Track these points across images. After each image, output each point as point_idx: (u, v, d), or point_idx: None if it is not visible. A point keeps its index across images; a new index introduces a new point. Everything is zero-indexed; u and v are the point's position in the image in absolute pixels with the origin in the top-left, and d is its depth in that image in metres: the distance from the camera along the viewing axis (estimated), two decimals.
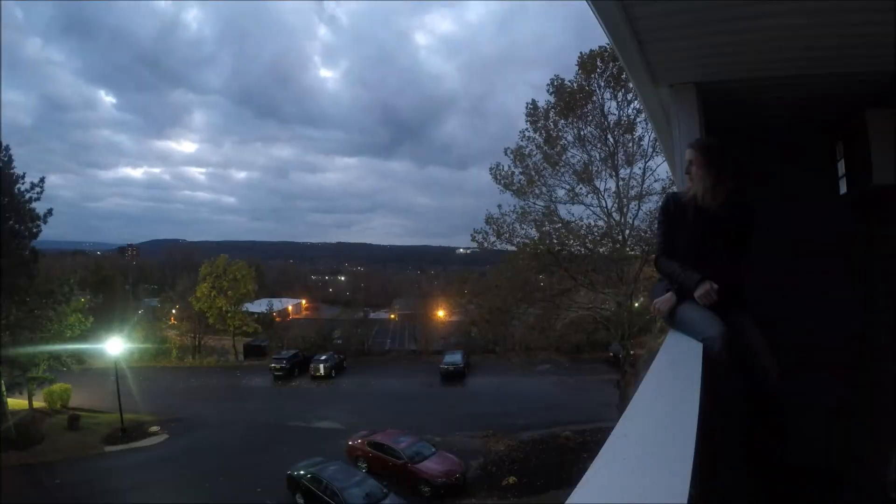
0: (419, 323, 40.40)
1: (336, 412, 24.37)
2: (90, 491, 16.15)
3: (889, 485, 3.05)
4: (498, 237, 19.90)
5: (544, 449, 19.26)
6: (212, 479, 16.75)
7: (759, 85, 3.02)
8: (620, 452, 1.03)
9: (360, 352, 37.13)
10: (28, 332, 20.08)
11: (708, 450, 1.35)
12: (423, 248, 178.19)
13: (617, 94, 18.29)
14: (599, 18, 2.39)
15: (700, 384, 1.40)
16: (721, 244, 2.12)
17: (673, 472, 0.91)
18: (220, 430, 22.12)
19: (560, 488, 15.41)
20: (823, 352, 3.48)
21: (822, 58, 2.67)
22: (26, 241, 20.42)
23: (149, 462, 18.76)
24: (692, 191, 2.20)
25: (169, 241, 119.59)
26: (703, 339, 1.87)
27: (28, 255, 20.33)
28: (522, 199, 19.48)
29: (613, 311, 19.60)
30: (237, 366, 35.67)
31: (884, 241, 3.39)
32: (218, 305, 37.01)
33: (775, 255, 3.24)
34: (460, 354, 32.53)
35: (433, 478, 16.01)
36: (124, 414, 21.75)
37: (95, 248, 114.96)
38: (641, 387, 1.45)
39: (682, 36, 2.56)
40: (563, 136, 19.07)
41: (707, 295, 1.98)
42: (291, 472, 15.46)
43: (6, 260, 18.93)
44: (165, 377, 31.58)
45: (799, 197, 3.60)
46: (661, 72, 2.90)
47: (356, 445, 18.13)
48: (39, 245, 21.54)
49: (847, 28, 2.39)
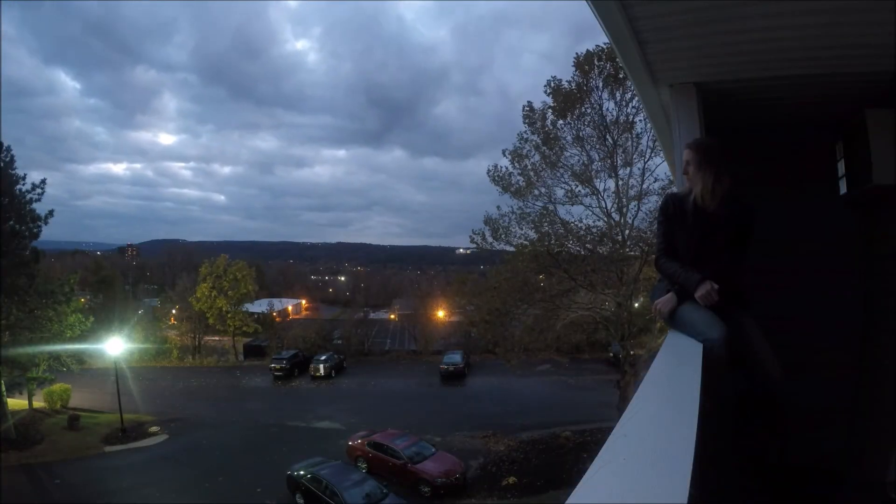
0: (419, 323, 40.38)
1: (336, 412, 24.37)
2: (90, 491, 16.14)
3: (889, 485, 3.05)
4: (496, 238, 19.88)
5: (544, 449, 19.26)
6: (212, 479, 16.75)
7: (759, 85, 3.02)
8: (620, 452, 1.03)
9: (360, 352, 37.13)
10: (28, 332, 20.07)
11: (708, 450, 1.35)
12: (423, 248, 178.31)
13: (615, 94, 18.25)
14: (599, 18, 2.39)
15: (700, 384, 1.40)
16: (721, 244, 2.12)
17: (673, 472, 0.90)
18: (220, 430, 22.11)
19: (560, 488, 15.41)
20: (823, 352, 3.48)
21: (822, 58, 2.67)
22: (27, 241, 20.42)
23: (149, 462, 18.75)
24: (692, 191, 2.20)
25: (169, 241, 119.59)
26: (704, 339, 1.87)
27: (28, 256, 20.32)
28: (521, 200, 19.46)
29: (613, 311, 19.58)
30: (237, 366, 35.67)
31: (884, 241, 3.39)
32: (218, 305, 37.02)
33: (775, 255, 3.24)
34: (460, 354, 32.53)
35: (433, 478, 16.01)
36: (124, 414, 21.75)
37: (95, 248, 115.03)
38: (641, 387, 1.44)
39: (682, 36, 2.56)
40: (561, 136, 19.04)
41: (708, 295, 1.98)
42: (291, 472, 15.45)
43: (6, 260, 18.94)
44: (165, 377, 31.57)
45: (799, 197, 3.60)
46: (661, 72, 2.90)
47: (356, 445, 18.13)
48: (39, 245, 21.55)
49: (847, 28, 2.39)
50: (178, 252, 68.24)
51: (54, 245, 58.70)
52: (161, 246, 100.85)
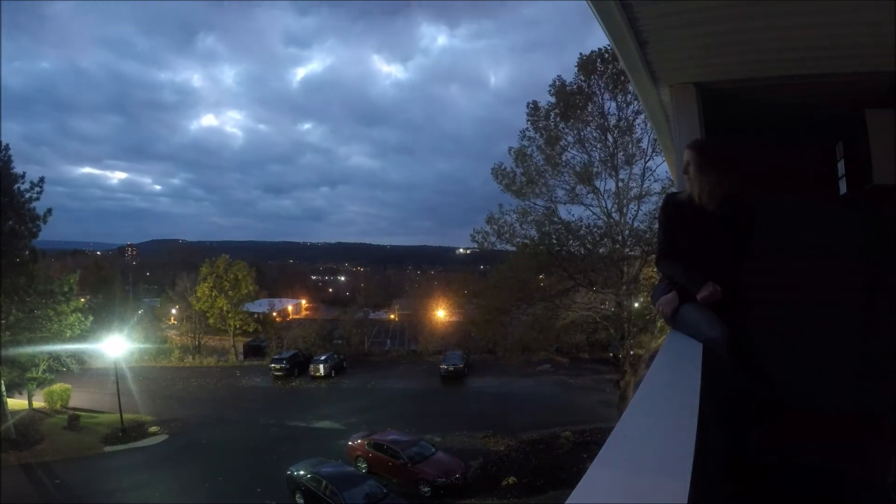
0: (419, 323, 40.40)
1: (336, 412, 24.37)
2: (90, 491, 16.14)
3: (889, 485, 3.04)
4: (498, 237, 19.92)
5: (544, 449, 19.26)
6: (212, 479, 16.75)
7: (758, 85, 3.01)
8: (620, 452, 1.03)
9: (360, 352, 37.14)
10: (28, 332, 20.03)
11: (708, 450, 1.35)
12: (423, 248, 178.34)
13: (617, 96, 18.31)
14: (599, 18, 2.39)
15: (700, 384, 1.40)
16: (721, 244, 2.12)
17: (673, 472, 0.90)
18: (220, 430, 22.11)
19: (560, 488, 15.42)
20: (823, 352, 3.48)
21: (822, 58, 2.67)
22: (26, 241, 20.39)
23: (149, 462, 18.75)
24: (691, 191, 2.20)
25: (169, 241, 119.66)
26: (706, 339, 1.87)
27: (28, 255, 20.31)
28: (523, 200, 19.50)
29: (613, 311, 19.60)
30: (237, 366, 35.66)
31: (884, 241, 3.39)
32: (218, 305, 37.04)
33: (775, 255, 3.24)
34: (460, 354, 32.52)
35: (433, 478, 16.01)
36: (124, 414, 21.74)
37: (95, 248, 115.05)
38: (641, 387, 1.45)
39: (682, 36, 2.56)
40: (563, 136, 19.09)
41: (710, 296, 1.98)
42: (291, 472, 15.45)
43: (6, 260, 18.93)
44: (165, 377, 31.58)
45: (799, 197, 3.59)
46: (661, 72, 2.90)
47: (356, 445, 18.12)
48: (39, 245, 21.52)
49: (847, 28, 2.39)
50: (178, 252, 68.28)
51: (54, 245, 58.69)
52: (161, 246, 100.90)
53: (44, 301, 20.23)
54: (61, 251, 63.31)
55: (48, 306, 20.34)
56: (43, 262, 23.01)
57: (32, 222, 20.55)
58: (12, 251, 19.49)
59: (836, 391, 3.52)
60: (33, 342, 20.17)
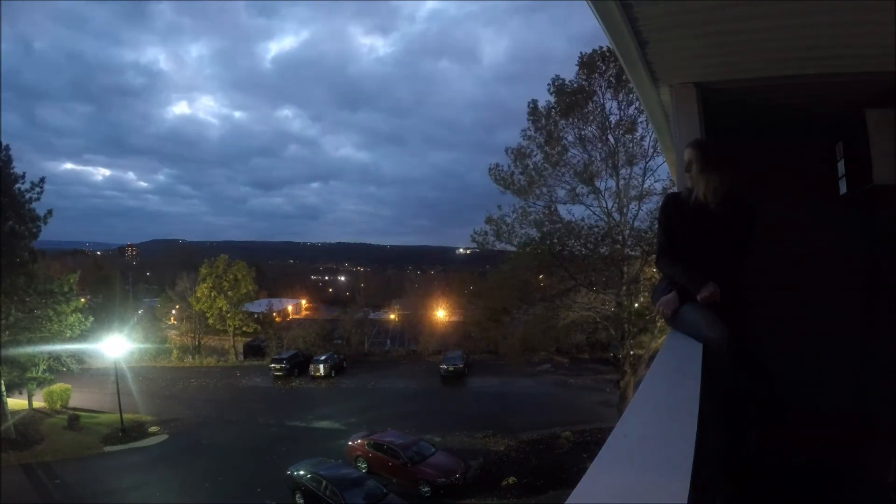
0: (419, 323, 40.38)
1: (336, 412, 24.37)
2: (90, 491, 16.14)
3: (889, 485, 3.04)
4: (498, 237, 19.89)
5: (544, 449, 19.27)
6: (212, 479, 16.76)
7: (759, 85, 3.01)
8: (620, 452, 1.03)
9: (359, 352, 37.13)
10: (28, 332, 20.04)
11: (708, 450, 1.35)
12: (423, 248, 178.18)
13: (618, 95, 18.29)
14: (599, 18, 2.39)
15: (700, 384, 1.40)
16: (721, 244, 2.12)
17: (673, 472, 0.90)
18: (219, 430, 22.11)
19: (560, 488, 15.42)
20: (823, 352, 3.48)
21: (822, 58, 2.67)
22: (26, 241, 20.39)
23: (149, 462, 18.76)
24: (692, 191, 2.20)
25: (169, 241, 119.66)
26: (706, 339, 1.87)
27: (28, 256, 20.31)
28: (523, 199, 19.47)
29: (613, 311, 19.59)
30: (237, 366, 35.67)
31: (884, 241, 3.39)
32: (218, 306, 37.03)
33: (775, 255, 3.24)
34: (460, 354, 32.52)
35: (433, 478, 16.01)
36: (124, 414, 21.75)
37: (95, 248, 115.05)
38: (641, 387, 1.45)
39: (682, 36, 2.56)
40: (563, 136, 19.08)
41: (711, 297, 1.98)
42: (291, 472, 15.45)
43: (6, 260, 18.92)
44: (165, 377, 31.58)
45: (799, 197, 3.60)
46: (661, 72, 2.90)
47: (356, 445, 18.12)
48: (39, 245, 21.52)
49: (847, 28, 2.39)
50: (178, 252, 68.31)
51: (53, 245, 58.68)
52: (161, 246, 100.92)
53: (44, 301, 20.23)
54: (60, 251, 63.27)
55: (48, 306, 20.34)
56: (42, 262, 23.03)
57: (33, 222, 20.57)
58: (12, 251, 19.48)
59: (836, 391, 3.52)
60: (33, 342, 20.17)
